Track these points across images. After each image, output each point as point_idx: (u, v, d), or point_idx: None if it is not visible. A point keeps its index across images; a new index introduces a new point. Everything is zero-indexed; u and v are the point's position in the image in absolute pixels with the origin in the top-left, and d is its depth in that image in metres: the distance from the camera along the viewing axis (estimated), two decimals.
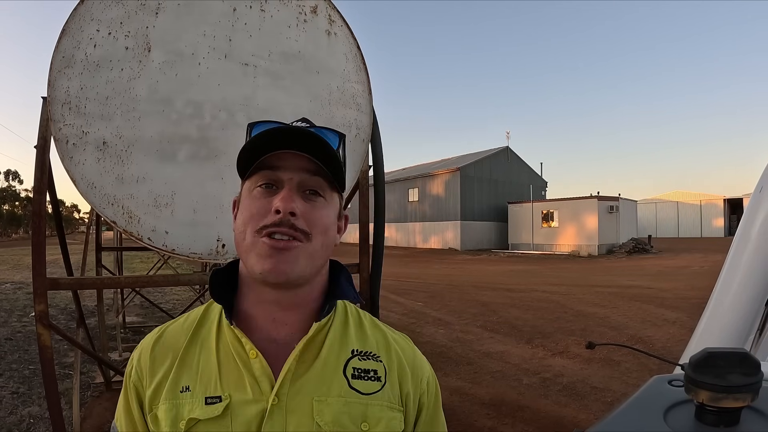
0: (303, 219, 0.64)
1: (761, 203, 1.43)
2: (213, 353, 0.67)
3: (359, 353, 0.70)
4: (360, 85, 2.69)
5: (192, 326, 0.71)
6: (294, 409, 0.63)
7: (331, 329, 0.70)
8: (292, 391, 0.64)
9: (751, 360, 0.58)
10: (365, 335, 0.73)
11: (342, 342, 0.70)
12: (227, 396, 0.63)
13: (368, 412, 0.65)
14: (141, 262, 17.16)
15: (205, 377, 0.65)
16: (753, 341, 1.35)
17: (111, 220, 2.11)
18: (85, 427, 3.52)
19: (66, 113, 2.02)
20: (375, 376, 0.68)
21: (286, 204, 0.62)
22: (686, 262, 17.88)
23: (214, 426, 0.62)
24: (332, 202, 0.69)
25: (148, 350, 0.69)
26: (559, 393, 4.40)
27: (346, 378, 0.67)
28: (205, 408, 0.62)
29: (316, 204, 0.66)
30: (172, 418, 0.63)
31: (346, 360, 0.68)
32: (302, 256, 0.64)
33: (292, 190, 0.64)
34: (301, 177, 0.65)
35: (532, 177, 32.30)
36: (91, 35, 2.07)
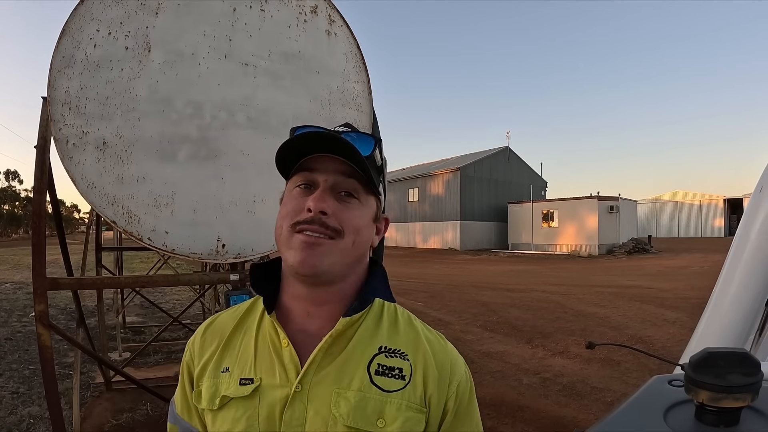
0: (335, 218, 0.67)
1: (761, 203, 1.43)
2: (253, 339, 0.72)
3: (386, 350, 0.71)
4: (360, 85, 2.69)
5: (240, 314, 0.77)
6: (314, 398, 0.66)
7: (362, 325, 0.72)
8: (314, 380, 0.67)
9: (751, 360, 0.58)
10: (397, 333, 0.74)
11: (371, 338, 0.72)
12: (258, 379, 0.68)
13: (386, 409, 0.66)
14: (141, 262, 17.16)
15: (243, 360, 0.71)
16: (753, 341, 1.35)
17: (111, 220, 2.11)
18: (85, 427, 3.52)
19: (66, 113, 2.02)
20: (399, 375, 0.69)
21: (317, 204, 0.66)
22: (686, 262, 17.88)
23: (243, 405, 0.67)
24: (367, 204, 0.72)
25: (199, 334, 0.77)
26: (559, 393, 4.40)
27: (368, 373, 0.68)
28: (238, 388, 0.68)
29: (349, 205, 0.69)
30: (211, 395, 0.70)
31: (372, 356, 0.70)
32: (332, 251, 0.67)
33: (325, 191, 0.68)
34: (335, 179, 0.68)
35: (532, 177, 32.30)
36: (91, 35, 2.07)
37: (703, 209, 39.93)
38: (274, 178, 2.75)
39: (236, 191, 2.35)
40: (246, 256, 2.39)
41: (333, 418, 0.64)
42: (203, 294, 6.83)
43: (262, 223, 2.41)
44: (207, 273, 4.05)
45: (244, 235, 2.37)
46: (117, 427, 3.60)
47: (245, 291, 2.41)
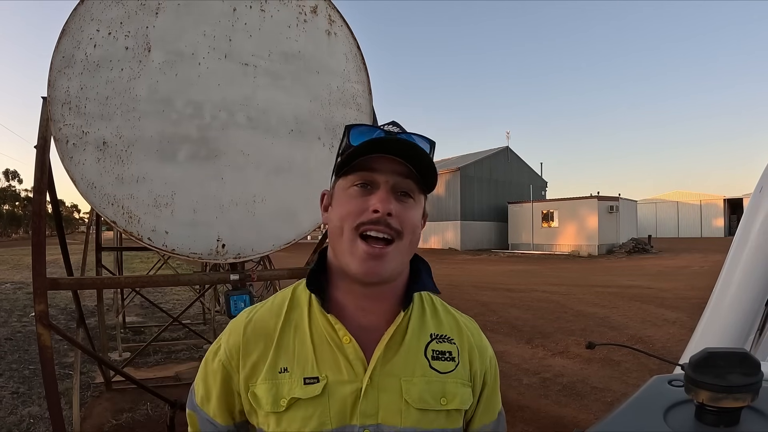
0: (397, 219, 0.69)
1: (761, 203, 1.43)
2: (307, 337, 0.73)
3: (436, 337, 0.78)
4: (360, 85, 2.69)
5: (282, 311, 0.77)
6: (385, 388, 0.71)
7: (412, 317, 0.78)
8: (382, 372, 0.71)
9: (751, 360, 0.58)
10: (440, 320, 0.81)
11: (421, 328, 0.78)
12: (324, 377, 0.70)
13: (446, 389, 0.74)
14: (141, 262, 17.15)
15: (302, 359, 0.72)
16: (753, 341, 1.35)
17: (111, 220, 2.11)
18: (85, 427, 3.52)
19: (66, 113, 2.02)
20: (450, 357, 0.77)
21: (385, 205, 0.68)
22: (686, 262, 17.88)
23: (313, 404, 0.68)
24: (420, 202, 0.75)
25: (239, 333, 0.75)
26: (559, 393, 4.40)
27: (427, 359, 0.75)
28: (305, 388, 0.69)
29: (407, 205, 0.71)
30: (273, 396, 0.70)
31: (426, 344, 0.76)
32: (394, 256, 0.70)
33: (388, 192, 0.69)
34: (395, 180, 0.70)
35: (532, 177, 32.29)
36: (91, 35, 2.07)
37: (703, 209, 39.92)
38: (273, 178, 2.74)
39: (236, 191, 2.34)
40: (246, 256, 2.39)
41: (405, 404, 0.70)
42: (203, 294, 6.82)
43: (262, 223, 2.41)
44: (207, 273, 4.05)
45: (244, 235, 2.37)
46: (117, 427, 3.60)
47: (245, 291, 2.41)
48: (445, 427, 0.73)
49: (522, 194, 29.91)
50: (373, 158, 0.69)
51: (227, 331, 0.78)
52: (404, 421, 0.70)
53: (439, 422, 0.72)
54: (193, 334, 5.74)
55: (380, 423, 0.69)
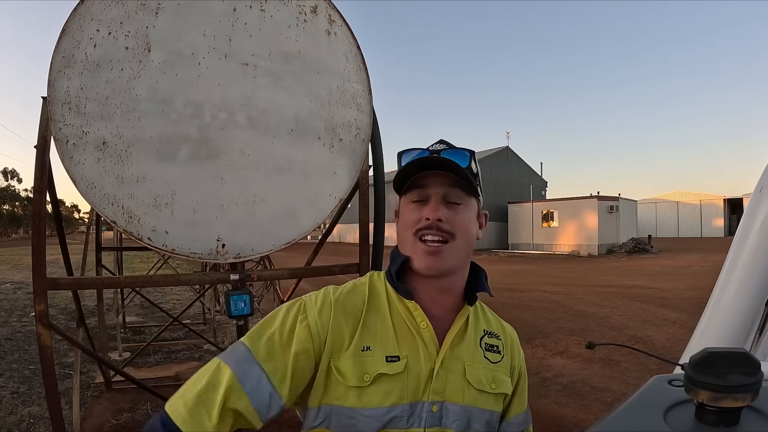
0: (448, 223, 0.81)
1: (761, 203, 1.43)
2: (388, 320, 0.84)
3: (488, 332, 0.92)
4: (360, 85, 2.69)
5: (366, 296, 0.87)
6: (452, 370, 0.83)
7: (472, 312, 0.91)
8: (451, 356, 0.84)
9: (751, 360, 0.58)
10: (488, 319, 0.95)
11: (476, 323, 0.91)
12: (404, 356, 0.80)
13: (495, 376, 0.87)
14: (141, 262, 17.15)
15: (384, 340, 0.82)
16: (753, 341, 1.35)
17: (111, 220, 2.11)
18: (85, 427, 3.52)
19: (66, 113, 2.02)
20: (497, 350, 0.91)
21: (434, 213, 0.81)
22: (686, 262, 17.87)
23: (395, 380, 0.78)
24: (470, 206, 0.86)
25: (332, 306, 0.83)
26: (559, 393, 4.40)
27: (482, 350, 0.88)
28: (388, 365, 0.79)
29: (457, 210, 0.83)
30: (358, 373, 0.77)
31: (481, 337, 0.90)
32: (450, 253, 0.82)
33: (437, 202, 0.82)
34: (443, 191, 0.83)
35: (532, 177, 32.29)
36: (91, 35, 2.07)
37: (703, 209, 39.91)
38: (273, 178, 2.74)
39: (236, 191, 2.34)
40: (246, 256, 2.39)
41: (467, 384, 0.83)
42: (203, 294, 6.83)
43: (262, 223, 2.41)
44: (207, 273, 4.05)
45: (244, 235, 2.37)
46: (117, 427, 3.60)
47: (245, 291, 2.41)
48: (492, 408, 0.86)
49: (522, 194, 29.91)
50: (423, 176, 0.83)
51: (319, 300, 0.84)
52: (465, 399, 0.82)
53: (489, 403, 0.85)
54: (193, 334, 5.74)
55: (445, 400, 0.81)
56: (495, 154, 30.62)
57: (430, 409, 0.79)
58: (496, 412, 0.87)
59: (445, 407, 0.80)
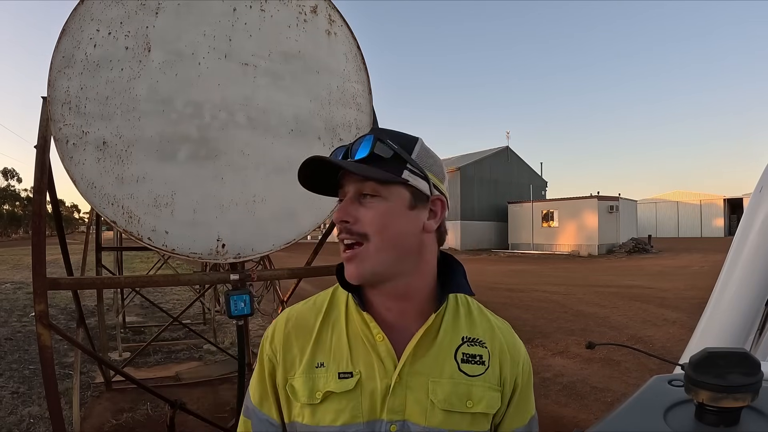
0: (359, 223, 0.72)
1: (761, 203, 1.43)
2: (344, 334, 0.77)
3: (468, 340, 0.78)
4: (360, 85, 2.69)
5: (322, 309, 0.81)
6: (412, 387, 0.73)
7: (445, 318, 0.79)
8: (411, 371, 0.74)
9: (751, 360, 0.58)
10: (474, 323, 0.81)
11: (454, 329, 0.79)
12: (358, 372, 0.74)
13: (472, 392, 0.75)
14: (141, 262, 17.15)
15: (338, 355, 0.76)
16: (753, 341, 1.35)
17: (111, 220, 2.11)
18: (85, 427, 3.52)
19: (66, 113, 2.02)
20: (480, 361, 0.77)
21: (337, 215, 0.73)
22: (686, 262, 17.87)
23: (346, 398, 0.73)
24: (392, 196, 0.73)
25: (281, 329, 0.81)
26: (559, 393, 4.40)
27: (456, 362, 0.76)
28: (339, 382, 0.73)
29: (370, 205, 0.73)
30: (309, 389, 0.74)
31: (457, 346, 0.77)
32: (367, 256, 0.72)
33: (347, 201, 0.74)
34: (355, 186, 0.74)
35: (532, 177, 32.28)
36: (91, 35, 2.07)
37: (703, 209, 39.91)
38: (273, 178, 2.74)
39: (236, 191, 2.34)
40: (246, 256, 2.39)
41: (431, 404, 0.72)
42: (203, 294, 6.82)
43: (262, 223, 2.41)
44: (207, 273, 4.04)
45: (244, 235, 2.37)
46: (117, 427, 3.60)
47: (245, 291, 2.41)
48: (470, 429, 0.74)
49: (522, 194, 29.90)
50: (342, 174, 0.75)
51: (271, 329, 0.83)
52: (429, 421, 0.72)
53: (464, 424, 0.74)
54: (193, 334, 5.73)
55: (406, 420, 0.72)
56: (495, 154, 30.61)
57: (388, 429, 0.72)
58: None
59: (406, 427, 0.72)
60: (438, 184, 0.77)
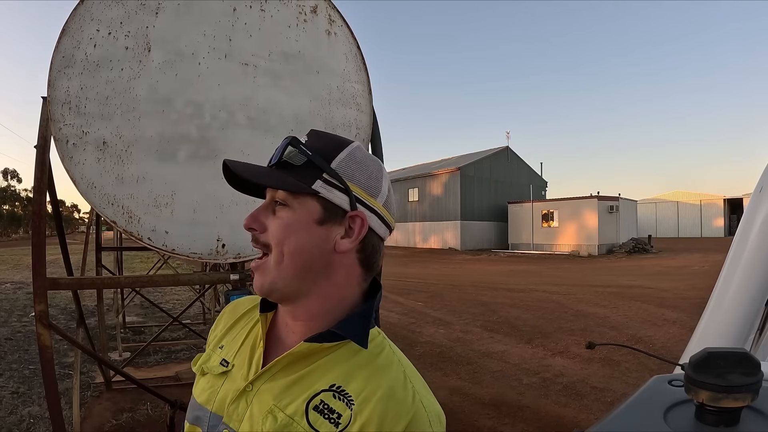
0: (266, 233, 0.68)
1: (761, 203, 1.43)
2: (247, 329, 0.79)
3: (337, 389, 0.64)
4: (360, 85, 2.69)
5: (256, 302, 0.81)
6: (255, 403, 0.67)
7: (333, 355, 0.67)
8: (263, 388, 0.68)
9: (751, 360, 0.58)
10: (359, 375, 0.65)
11: (330, 370, 0.66)
12: (232, 365, 0.74)
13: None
14: (141, 262, 17.16)
15: (233, 345, 0.78)
16: (753, 341, 1.35)
17: (111, 220, 2.11)
18: (85, 427, 3.52)
19: (66, 113, 2.02)
20: (336, 420, 0.61)
21: (245, 221, 0.69)
22: (686, 262, 17.88)
23: (212, 380, 0.75)
24: (300, 208, 0.66)
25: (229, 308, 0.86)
26: (559, 393, 4.40)
27: (306, 405, 0.63)
28: (217, 366, 0.76)
29: (278, 215, 0.67)
30: (203, 361, 0.79)
31: (320, 390, 0.64)
32: (268, 269, 0.67)
33: (260, 208, 0.70)
34: (270, 193, 0.70)
35: (532, 177, 32.29)
36: (91, 35, 2.07)
37: (703, 209, 39.92)
38: None
39: (236, 191, 2.34)
40: (246, 256, 2.39)
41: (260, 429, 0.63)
42: (203, 294, 6.82)
43: None
44: (207, 273, 4.04)
45: (244, 235, 2.36)
46: (117, 427, 3.60)
47: (245, 291, 2.41)
48: None
49: (522, 194, 29.91)
50: None
51: None
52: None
53: None
54: (193, 334, 5.74)
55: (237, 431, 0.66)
56: (495, 154, 30.61)
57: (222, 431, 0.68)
58: None
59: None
60: (366, 198, 0.67)
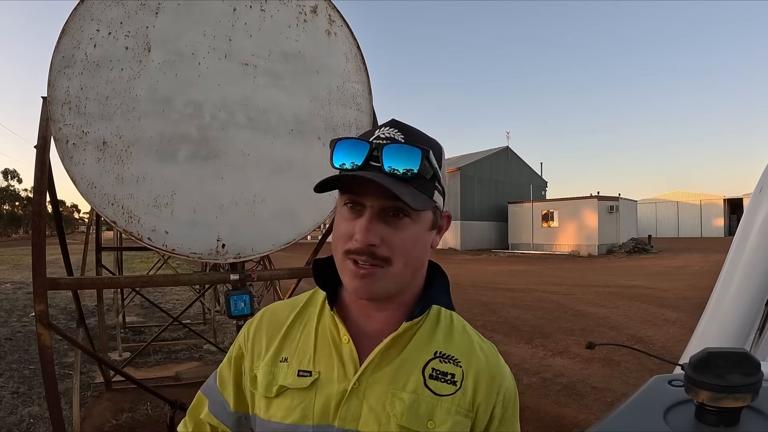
0: (385, 246, 0.64)
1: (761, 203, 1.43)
2: (312, 333, 0.74)
3: (441, 355, 0.72)
4: (360, 85, 2.69)
5: (298, 307, 0.79)
6: (370, 397, 0.68)
7: (420, 330, 0.73)
8: (371, 379, 0.69)
9: (751, 360, 0.58)
10: (452, 340, 0.74)
11: (427, 343, 0.73)
12: (317, 372, 0.70)
13: (436, 412, 0.68)
14: (141, 262, 17.15)
15: (302, 353, 0.73)
16: (753, 341, 1.35)
17: (111, 220, 2.11)
18: (85, 427, 3.52)
19: (66, 113, 2.02)
20: (451, 380, 0.70)
21: (364, 236, 0.63)
22: (686, 262, 17.88)
23: (300, 395, 0.69)
24: (420, 218, 0.67)
25: (256, 320, 0.80)
26: (559, 393, 4.40)
27: (423, 376, 0.70)
28: (297, 379, 0.70)
29: (398, 226, 0.65)
30: (267, 382, 0.72)
31: (428, 360, 0.71)
32: (384, 277, 0.66)
33: (371, 219, 0.64)
34: (381, 203, 0.64)
35: (532, 177, 32.29)
36: (91, 35, 2.07)
37: (703, 209, 39.91)
38: (273, 178, 2.73)
39: (236, 191, 2.34)
40: (246, 256, 2.39)
41: (387, 416, 0.66)
42: (203, 294, 6.82)
43: (262, 222, 2.41)
44: (207, 273, 4.05)
45: (244, 235, 2.37)
46: (117, 427, 3.60)
47: (245, 291, 2.41)
48: None
49: (522, 194, 29.91)
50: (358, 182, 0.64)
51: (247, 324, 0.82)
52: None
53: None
54: (193, 334, 5.73)
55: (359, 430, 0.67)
56: (495, 154, 30.62)
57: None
58: None
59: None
60: None
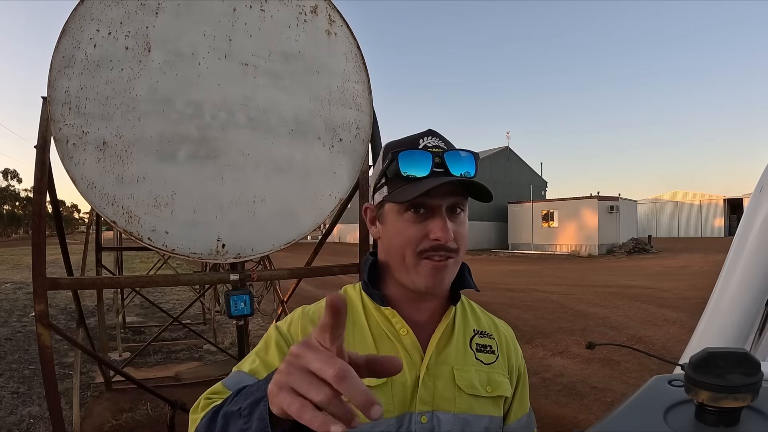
0: (456, 238, 0.74)
1: (761, 203, 1.43)
2: (366, 331, 0.79)
3: (478, 332, 0.86)
4: (360, 85, 2.69)
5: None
6: (439, 376, 0.77)
7: (457, 312, 0.85)
8: (437, 361, 0.78)
9: (751, 360, 0.58)
10: (478, 318, 0.89)
11: (465, 323, 0.85)
12: None
13: (490, 378, 0.81)
14: (141, 262, 17.15)
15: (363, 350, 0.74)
16: (753, 341, 1.35)
17: (111, 220, 2.11)
18: (85, 427, 3.52)
19: (66, 113, 2.02)
20: (491, 350, 0.84)
21: (446, 234, 0.71)
22: (686, 262, 17.87)
23: (377, 392, 0.73)
24: (466, 211, 0.79)
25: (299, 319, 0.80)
26: (559, 393, 4.40)
27: (473, 351, 0.82)
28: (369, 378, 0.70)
29: (459, 219, 0.76)
30: None
31: (470, 337, 0.84)
32: (453, 268, 0.76)
33: (445, 218, 0.73)
34: (448, 202, 0.74)
35: (532, 177, 32.29)
36: (91, 35, 2.07)
37: (703, 209, 39.90)
38: (273, 178, 2.73)
39: (236, 191, 2.34)
40: (246, 256, 2.39)
41: (458, 390, 0.77)
42: (203, 294, 6.83)
43: (262, 223, 2.41)
44: (207, 273, 4.04)
45: (244, 235, 2.37)
46: (117, 427, 3.60)
47: (245, 291, 2.41)
48: (491, 413, 0.79)
49: (522, 194, 29.90)
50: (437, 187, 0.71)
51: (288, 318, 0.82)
52: (457, 407, 0.76)
53: (486, 408, 0.79)
54: (193, 334, 5.74)
55: (435, 410, 0.75)
56: (495, 154, 30.61)
57: (419, 420, 0.74)
58: (496, 417, 0.80)
59: (436, 417, 0.75)
60: None
